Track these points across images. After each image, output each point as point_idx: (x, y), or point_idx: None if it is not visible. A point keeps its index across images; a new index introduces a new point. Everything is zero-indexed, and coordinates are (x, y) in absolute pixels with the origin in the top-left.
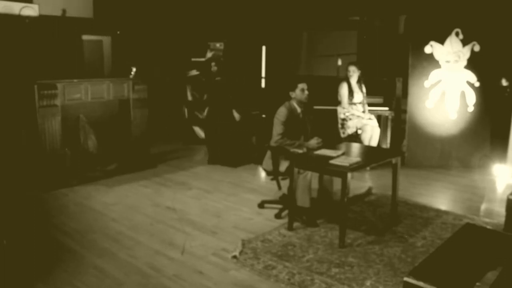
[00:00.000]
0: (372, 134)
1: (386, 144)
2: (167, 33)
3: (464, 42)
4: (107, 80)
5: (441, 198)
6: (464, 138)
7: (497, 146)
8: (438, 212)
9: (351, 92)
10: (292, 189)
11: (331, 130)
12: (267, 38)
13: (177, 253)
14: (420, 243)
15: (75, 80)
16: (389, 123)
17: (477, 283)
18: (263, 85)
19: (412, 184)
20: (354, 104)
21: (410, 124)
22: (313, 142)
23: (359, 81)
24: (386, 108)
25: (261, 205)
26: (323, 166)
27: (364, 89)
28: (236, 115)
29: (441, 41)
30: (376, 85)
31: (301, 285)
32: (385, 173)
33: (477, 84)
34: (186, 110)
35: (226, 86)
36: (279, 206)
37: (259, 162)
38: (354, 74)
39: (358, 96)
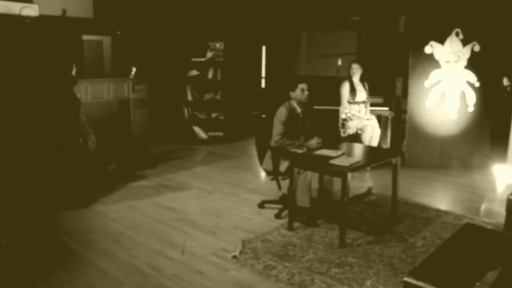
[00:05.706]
0: (372, 134)
1: (386, 144)
2: (167, 33)
3: (464, 42)
4: (107, 80)
5: (441, 198)
6: (464, 138)
7: (497, 146)
8: (438, 212)
9: (353, 91)
10: (292, 189)
11: (331, 130)
12: (267, 38)
13: (177, 253)
14: (420, 243)
15: None
16: (389, 123)
17: (477, 283)
18: (263, 85)
19: (412, 184)
20: (357, 103)
21: (410, 124)
22: (313, 142)
23: (362, 80)
24: (386, 108)
25: (261, 205)
26: (323, 166)
27: (367, 87)
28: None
29: (441, 41)
30: (376, 85)
31: (301, 285)
32: (385, 173)
33: (477, 84)
34: (186, 110)
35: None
36: (279, 206)
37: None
38: (357, 71)
39: (361, 94)
